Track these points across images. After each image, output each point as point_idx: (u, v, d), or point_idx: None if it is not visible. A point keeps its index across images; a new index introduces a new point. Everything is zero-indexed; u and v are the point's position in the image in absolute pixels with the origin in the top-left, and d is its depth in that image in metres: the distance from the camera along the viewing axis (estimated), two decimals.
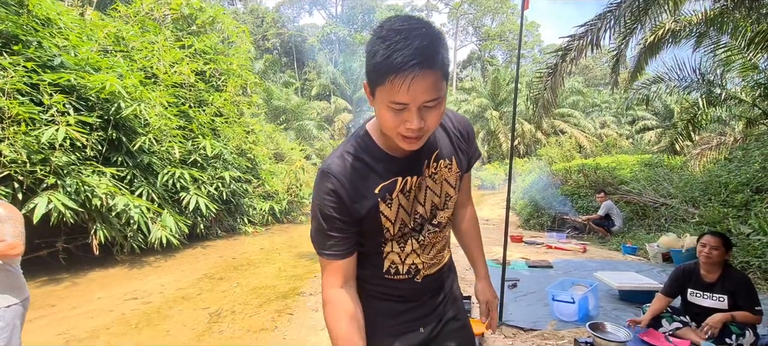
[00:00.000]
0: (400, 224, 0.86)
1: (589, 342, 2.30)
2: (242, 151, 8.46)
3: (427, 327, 0.99)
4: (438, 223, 0.92)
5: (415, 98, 0.69)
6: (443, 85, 0.73)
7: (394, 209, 0.84)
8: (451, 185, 0.90)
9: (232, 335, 3.06)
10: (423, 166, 0.86)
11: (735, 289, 2.32)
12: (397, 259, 0.91)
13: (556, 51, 7.51)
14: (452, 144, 0.92)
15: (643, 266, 4.76)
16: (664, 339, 2.47)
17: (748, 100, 7.83)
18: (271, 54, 29.20)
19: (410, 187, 0.85)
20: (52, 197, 4.17)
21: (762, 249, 4.01)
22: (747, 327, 2.26)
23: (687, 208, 6.13)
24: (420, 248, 0.91)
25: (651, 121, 24.13)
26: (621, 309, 3.18)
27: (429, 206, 0.88)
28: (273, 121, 15.39)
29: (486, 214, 11.84)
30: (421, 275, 0.94)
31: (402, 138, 0.75)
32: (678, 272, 2.60)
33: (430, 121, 0.74)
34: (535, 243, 6.37)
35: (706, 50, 7.73)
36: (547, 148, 19.24)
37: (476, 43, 45.49)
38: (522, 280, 4.05)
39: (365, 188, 0.82)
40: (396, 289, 0.94)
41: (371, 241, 0.89)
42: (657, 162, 9.48)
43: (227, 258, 5.89)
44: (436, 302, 1.01)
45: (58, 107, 4.47)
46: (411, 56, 0.66)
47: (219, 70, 8.17)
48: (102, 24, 6.36)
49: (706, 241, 2.42)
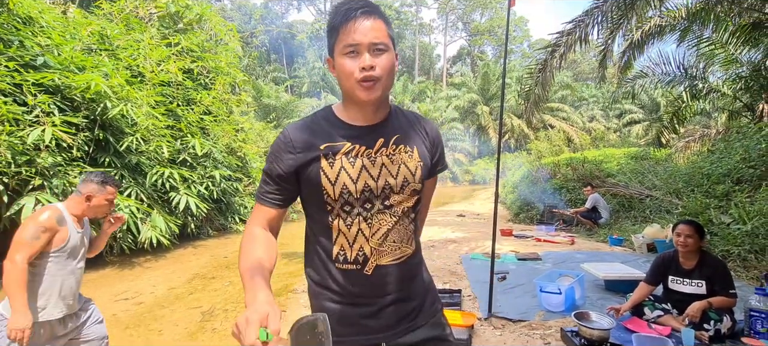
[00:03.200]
0: (342, 189, 0.87)
1: (575, 331, 2.38)
2: (232, 149, 8.39)
3: (390, 344, 0.93)
4: (390, 205, 0.90)
5: (365, 36, 0.83)
6: (389, 39, 0.87)
7: (335, 169, 0.88)
8: (410, 170, 0.92)
9: (226, 333, 3.08)
10: (377, 142, 0.91)
11: (712, 274, 2.43)
12: (345, 242, 0.90)
13: (545, 47, 7.61)
14: (417, 137, 0.97)
15: (628, 256, 4.88)
16: (646, 326, 2.56)
17: (729, 93, 8.04)
18: (258, 51, 28.89)
19: (357, 154, 0.89)
20: (40, 197, 4.11)
21: (741, 238, 4.15)
22: (724, 313, 2.36)
23: (671, 199, 6.29)
24: (368, 229, 0.89)
25: (638, 114, 24.58)
26: (606, 299, 3.27)
27: (382, 182, 0.89)
28: (263, 119, 15.27)
29: (477, 209, 11.97)
30: (370, 265, 0.91)
31: (360, 85, 0.85)
32: (659, 260, 2.69)
33: (380, 65, 0.84)
34: (524, 236, 6.48)
35: (689, 45, 7.92)
36: (536, 142, 19.45)
37: (466, 38, 45.64)
38: (511, 272, 4.13)
39: (312, 143, 0.89)
40: (347, 284, 0.92)
41: (315, 207, 0.92)
42: (643, 155, 9.68)
43: (219, 257, 5.87)
44: (399, 313, 0.95)
45: (42, 108, 4.40)
46: (355, 6, 0.84)
47: (207, 68, 8.09)
48: (85, 22, 6.25)
49: (680, 230, 2.51)
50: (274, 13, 42.04)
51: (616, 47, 8.41)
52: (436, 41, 47.75)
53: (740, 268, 3.90)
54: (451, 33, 46.04)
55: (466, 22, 45.19)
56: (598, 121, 27.01)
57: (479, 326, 2.81)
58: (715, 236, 4.46)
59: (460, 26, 46.25)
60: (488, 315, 2.96)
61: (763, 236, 3.98)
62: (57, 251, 1.73)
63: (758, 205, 4.46)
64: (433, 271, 4.43)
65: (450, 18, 44.82)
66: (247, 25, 30.29)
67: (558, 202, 8.02)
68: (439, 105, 27.95)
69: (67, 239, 1.76)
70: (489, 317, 2.95)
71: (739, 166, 5.69)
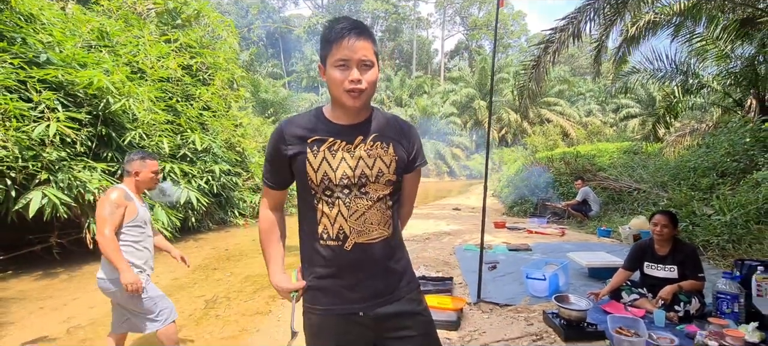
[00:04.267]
0: (323, 176, 1.03)
1: (555, 313, 2.55)
2: (231, 144, 8.52)
3: (368, 314, 1.06)
4: (366, 192, 1.06)
5: (355, 53, 0.99)
6: (375, 56, 1.03)
7: (318, 159, 1.04)
8: (385, 163, 1.07)
9: (229, 319, 3.25)
10: (356, 139, 1.07)
11: (683, 259, 2.62)
12: (327, 222, 1.06)
13: (540, 43, 7.74)
14: (394, 135, 1.12)
15: (614, 247, 5.07)
16: (623, 309, 2.74)
17: (719, 89, 8.21)
18: (256, 46, 28.86)
19: (338, 148, 1.05)
20: (46, 191, 4.24)
21: (721, 229, 4.34)
22: (693, 295, 2.54)
23: (658, 192, 6.48)
24: (347, 211, 1.04)
25: (634, 109, 24.71)
26: (589, 285, 3.45)
27: (359, 172, 1.05)
28: (261, 114, 15.36)
29: (473, 202, 12.15)
30: (350, 242, 1.05)
31: (348, 94, 1.01)
32: (636, 248, 2.89)
33: (366, 79, 1.01)
34: (516, 228, 6.67)
35: (682, 41, 8.07)
36: (532, 137, 19.64)
37: (464, 32, 45.61)
38: (502, 262, 4.31)
39: (301, 137, 1.06)
40: (330, 258, 1.06)
41: (303, 190, 1.09)
42: (635, 149, 9.86)
43: (220, 250, 6.03)
44: (376, 287, 1.08)
45: (47, 104, 4.52)
46: (348, 27, 1.00)
47: (205, 64, 8.19)
48: (85, 19, 6.33)
49: (656, 220, 2.70)
50: (271, 8, 41.86)
51: (610, 43, 8.57)
52: (434, 36, 47.66)
53: (718, 257, 4.10)
54: (448, 27, 46.04)
55: (463, 16, 45.15)
56: (595, 116, 27.16)
57: (468, 310, 2.99)
58: (697, 227, 4.64)
59: (458, 20, 46.22)
60: (477, 300, 3.13)
61: (741, 227, 4.16)
62: (132, 223, 2.10)
63: (738, 197, 4.65)
64: (428, 261, 4.61)
65: (448, 12, 44.76)
66: (244, 20, 30.19)
67: (551, 195, 8.21)
68: (437, 100, 28.04)
69: (136, 211, 2.12)
70: (478, 302, 3.12)
71: (723, 160, 5.87)
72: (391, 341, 1.10)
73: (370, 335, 1.10)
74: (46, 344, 2.85)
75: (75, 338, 2.92)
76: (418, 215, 8.72)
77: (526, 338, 2.47)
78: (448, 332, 2.62)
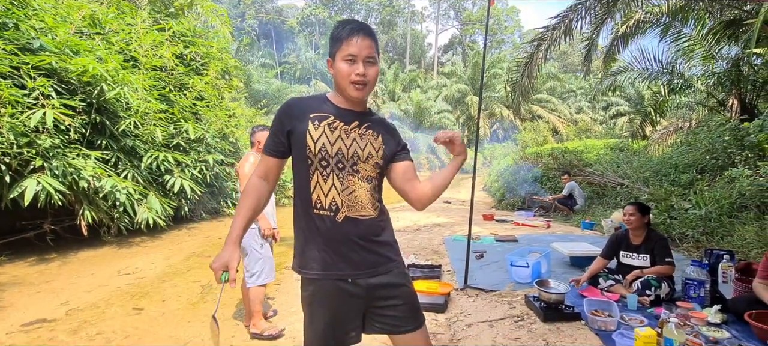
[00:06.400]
0: (321, 147, 1.15)
1: (536, 296, 2.72)
2: (224, 134, 8.54)
3: (360, 283, 1.19)
4: (357, 170, 1.19)
5: (361, 51, 1.14)
6: (377, 54, 1.19)
7: (319, 132, 1.16)
8: (374, 148, 1.22)
9: (224, 303, 3.34)
10: (353, 122, 1.21)
11: (654, 247, 2.81)
12: (321, 193, 1.17)
13: (532, 40, 7.88)
14: (382, 130, 1.28)
15: (597, 238, 5.28)
16: (600, 294, 2.92)
17: (703, 89, 8.46)
18: (248, 37, 28.54)
19: (337, 127, 1.18)
20: (41, 179, 4.27)
21: (696, 222, 4.57)
22: (663, 280, 2.73)
23: (640, 187, 6.72)
24: (340, 185, 1.17)
25: (624, 106, 25.11)
26: (570, 273, 3.63)
27: (352, 150, 1.19)
28: (254, 105, 15.32)
29: (464, 196, 12.33)
30: (341, 214, 1.17)
31: (352, 86, 1.15)
32: (613, 238, 3.08)
33: (369, 74, 1.16)
34: (504, 221, 6.86)
35: (669, 41, 8.28)
36: (522, 133, 19.90)
37: (457, 27, 45.63)
38: (489, 252, 4.48)
39: (305, 112, 1.19)
40: (322, 229, 1.17)
41: (300, 160, 1.18)
42: (622, 146, 10.12)
43: (213, 238, 6.11)
44: (364, 259, 1.19)
45: (42, 90, 4.52)
46: (357, 27, 1.16)
47: (199, 53, 8.17)
48: (77, 5, 6.27)
49: (626, 210, 2.94)
50: None
51: (601, 41, 8.75)
52: (428, 30, 47.60)
53: (693, 248, 4.32)
54: (442, 21, 45.99)
55: (458, 10, 45.14)
56: (585, 113, 27.52)
57: (455, 294, 3.15)
58: (674, 220, 4.87)
59: (452, 15, 46.19)
60: (464, 286, 3.29)
61: (714, 220, 4.39)
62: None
63: (714, 192, 4.88)
64: (418, 250, 4.76)
65: (442, 6, 44.70)
66: (237, 9, 29.80)
67: (538, 189, 8.43)
68: (430, 95, 28.11)
69: None
70: (464, 287, 3.28)
71: (703, 157, 6.11)
72: (381, 309, 1.24)
73: (362, 305, 1.23)
74: (46, 325, 2.92)
75: (75, 320, 3.00)
76: (409, 207, 8.87)
77: (508, 319, 2.63)
78: (436, 313, 2.77)
